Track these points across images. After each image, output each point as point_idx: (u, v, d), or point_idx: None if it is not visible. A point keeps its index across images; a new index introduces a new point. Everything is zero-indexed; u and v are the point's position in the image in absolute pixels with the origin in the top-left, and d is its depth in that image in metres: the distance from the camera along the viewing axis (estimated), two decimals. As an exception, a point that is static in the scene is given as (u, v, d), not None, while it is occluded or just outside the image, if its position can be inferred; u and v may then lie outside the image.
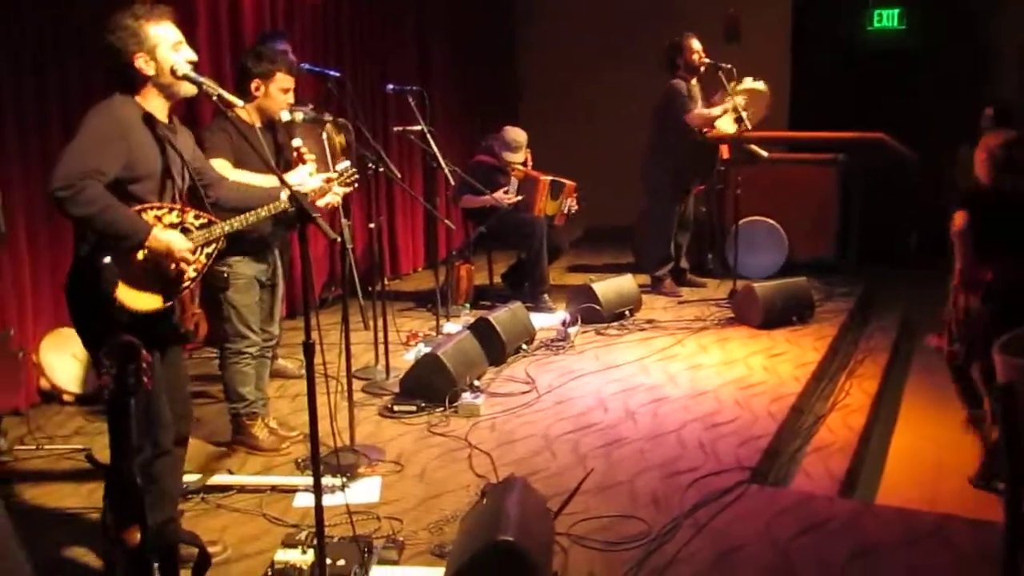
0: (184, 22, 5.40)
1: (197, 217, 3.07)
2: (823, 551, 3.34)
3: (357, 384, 4.97)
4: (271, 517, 3.64)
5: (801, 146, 8.89)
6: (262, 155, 2.76)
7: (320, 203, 3.98)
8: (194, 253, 3.03)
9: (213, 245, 3.13)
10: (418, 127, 5.94)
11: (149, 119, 2.95)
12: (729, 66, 7.19)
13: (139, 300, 2.93)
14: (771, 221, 8.08)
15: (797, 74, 9.96)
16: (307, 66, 5.08)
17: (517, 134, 7.22)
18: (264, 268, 4.32)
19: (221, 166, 3.95)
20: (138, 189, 2.93)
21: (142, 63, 2.92)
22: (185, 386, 3.33)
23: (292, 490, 3.88)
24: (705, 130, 7.35)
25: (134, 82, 2.94)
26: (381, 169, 4.98)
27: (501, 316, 5.77)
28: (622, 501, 3.77)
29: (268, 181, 3.82)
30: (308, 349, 2.60)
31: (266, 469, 4.14)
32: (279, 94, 4.18)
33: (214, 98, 2.88)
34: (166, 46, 2.95)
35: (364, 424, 4.60)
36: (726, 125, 7.33)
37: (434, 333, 6.24)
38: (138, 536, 1.91)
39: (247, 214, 3.28)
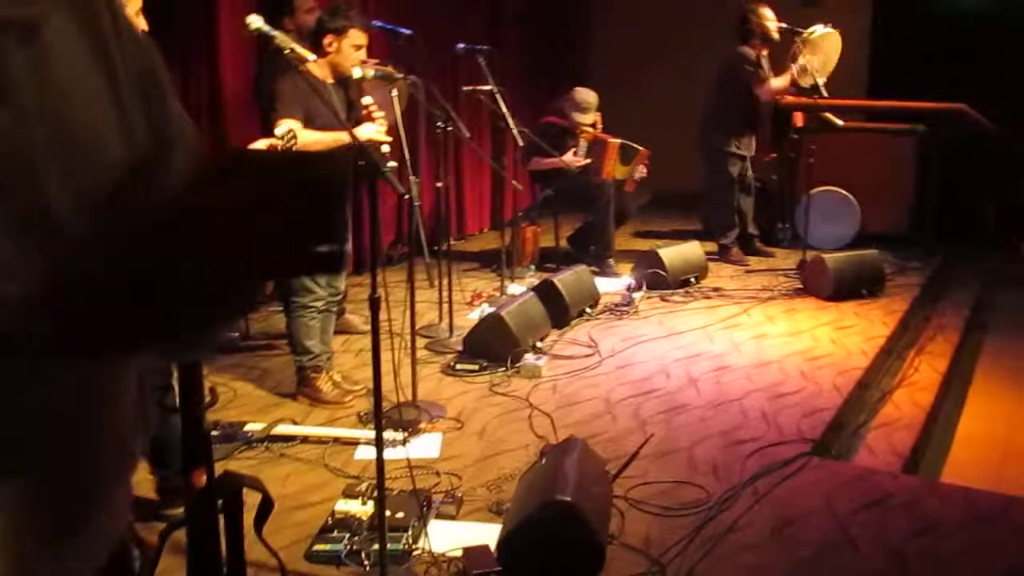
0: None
1: None
2: (884, 526, 3.30)
3: (420, 341, 5.01)
4: (333, 468, 3.71)
5: (879, 115, 8.68)
6: (332, 109, 2.79)
7: None
8: None
9: None
10: (488, 87, 5.93)
11: None
12: (809, 31, 7.03)
13: None
14: (843, 191, 7.92)
15: (877, 40, 9.70)
16: (378, 23, 5.09)
17: (587, 95, 7.17)
18: (332, 223, 4.35)
19: (293, 127, 4.00)
20: None
21: None
22: None
23: (354, 443, 3.94)
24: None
25: None
26: (450, 128, 4.99)
27: (566, 279, 5.76)
28: (681, 468, 3.76)
29: (335, 138, 3.86)
30: (374, 303, 2.63)
31: (329, 421, 4.21)
32: (351, 50, 4.20)
33: (286, 52, 2.91)
34: (133, 7, 2.97)
35: (426, 381, 4.64)
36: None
37: (498, 294, 6.26)
38: (204, 478, 1.94)
39: None
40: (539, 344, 5.16)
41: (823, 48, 7.12)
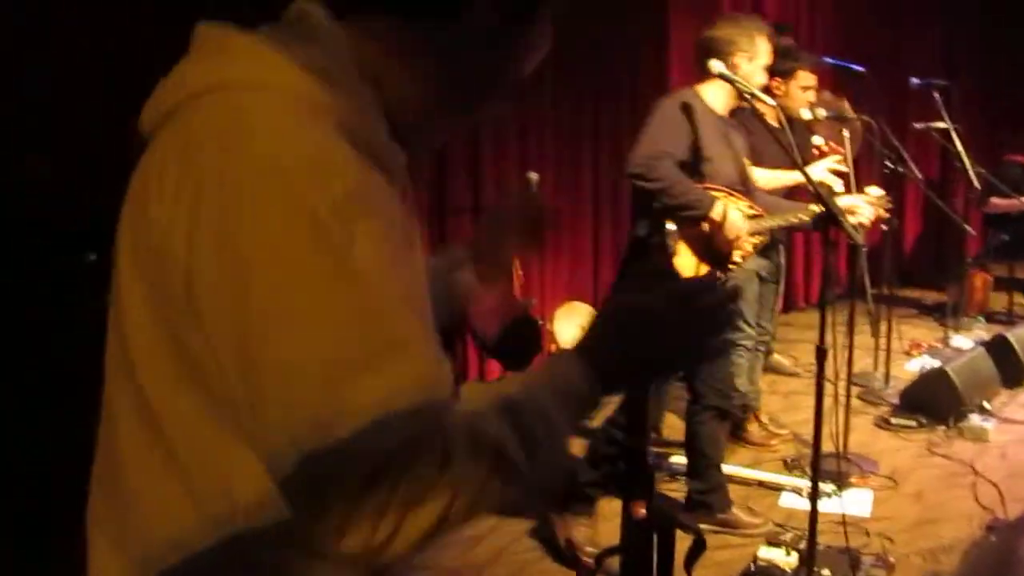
0: (708, 11, 5.61)
1: (750, 208, 3.25)
2: None
3: (854, 390, 4.80)
4: (757, 512, 3.66)
5: None
6: (791, 154, 2.78)
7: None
8: None
9: (758, 237, 3.29)
10: (942, 124, 5.57)
11: (708, 109, 3.27)
12: None
13: (691, 270, 3.18)
14: None
15: None
16: (829, 60, 4.96)
17: None
18: (767, 264, 4.31)
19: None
20: (702, 169, 3.24)
21: (742, 60, 3.29)
22: (722, 365, 3.58)
23: (778, 488, 3.87)
24: None
25: (706, 75, 3.25)
26: (900, 169, 4.75)
27: (1021, 334, 5.24)
28: None
29: (790, 178, 3.85)
30: (820, 353, 2.57)
31: (754, 463, 4.17)
32: (799, 92, 4.15)
33: (747, 96, 2.95)
34: (759, 62, 3.32)
35: (858, 432, 4.44)
36: None
37: (941, 345, 5.85)
38: (643, 511, 2.00)
39: (790, 214, 3.41)
40: (987, 405, 4.73)
41: None
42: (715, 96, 3.35)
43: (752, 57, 3.33)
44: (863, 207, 3.78)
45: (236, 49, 0.97)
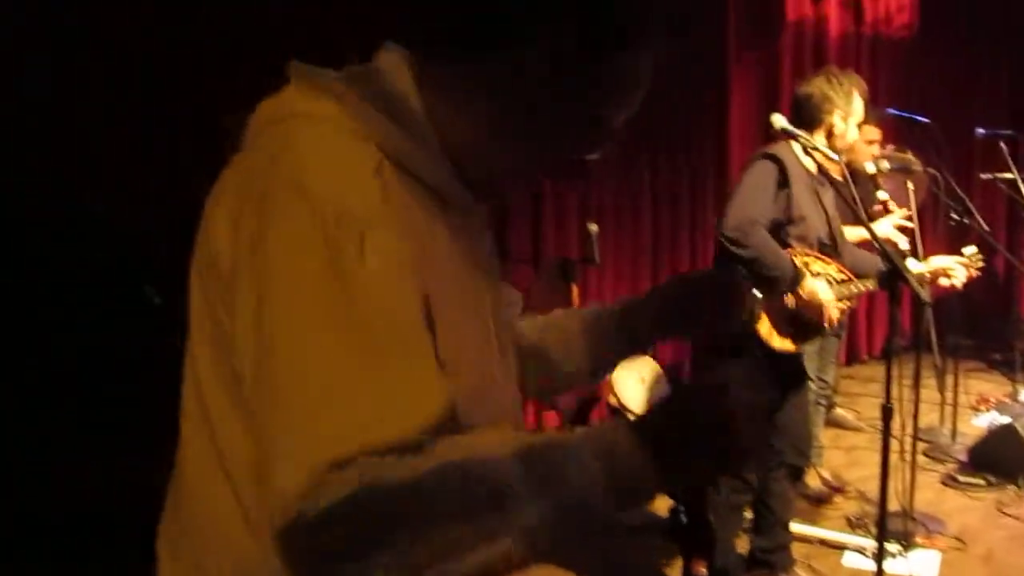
0: (769, 61, 5.61)
1: (839, 272, 3.20)
2: None
3: (919, 446, 4.69)
4: (819, 571, 3.58)
5: None
6: (856, 212, 2.75)
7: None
8: None
9: (846, 302, 3.24)
10: (1008, 175, 5.48)
11: (800, 165, 3.21)
12: None
13: (774, 338, 3.13)
14: None
15: None
16: (893, 111, 4.92)
17: None
18: (829, 317, 4.26)
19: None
20: (790, 231, 3.18)
21: (837, 119, 3.25)
22: (803, 425, 3.48)
23: (841, 547, 3.79)
24: None
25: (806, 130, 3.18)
26: (966, 220, 4.68)
27: (1092, 390, 5.09)
28: None
29: (859, 236, 3.80)
30: (886, 412, 2.53)
31: (815, 520, 4.08)
32: (864, 146, 4.12)
33: (810, 150, 2.93)
34: (854, 120, 3.27)
35: (923, 490, 4.32)
36: None
37: (1009, 400, 5.70)
38: (704, 571, 1.98)
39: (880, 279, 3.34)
40: (1059, 463, 4.58)
41: None
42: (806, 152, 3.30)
43: (847, 115, 3.27)
44: (957, 269, 3.67)
45: (303, 86, 1.07)
